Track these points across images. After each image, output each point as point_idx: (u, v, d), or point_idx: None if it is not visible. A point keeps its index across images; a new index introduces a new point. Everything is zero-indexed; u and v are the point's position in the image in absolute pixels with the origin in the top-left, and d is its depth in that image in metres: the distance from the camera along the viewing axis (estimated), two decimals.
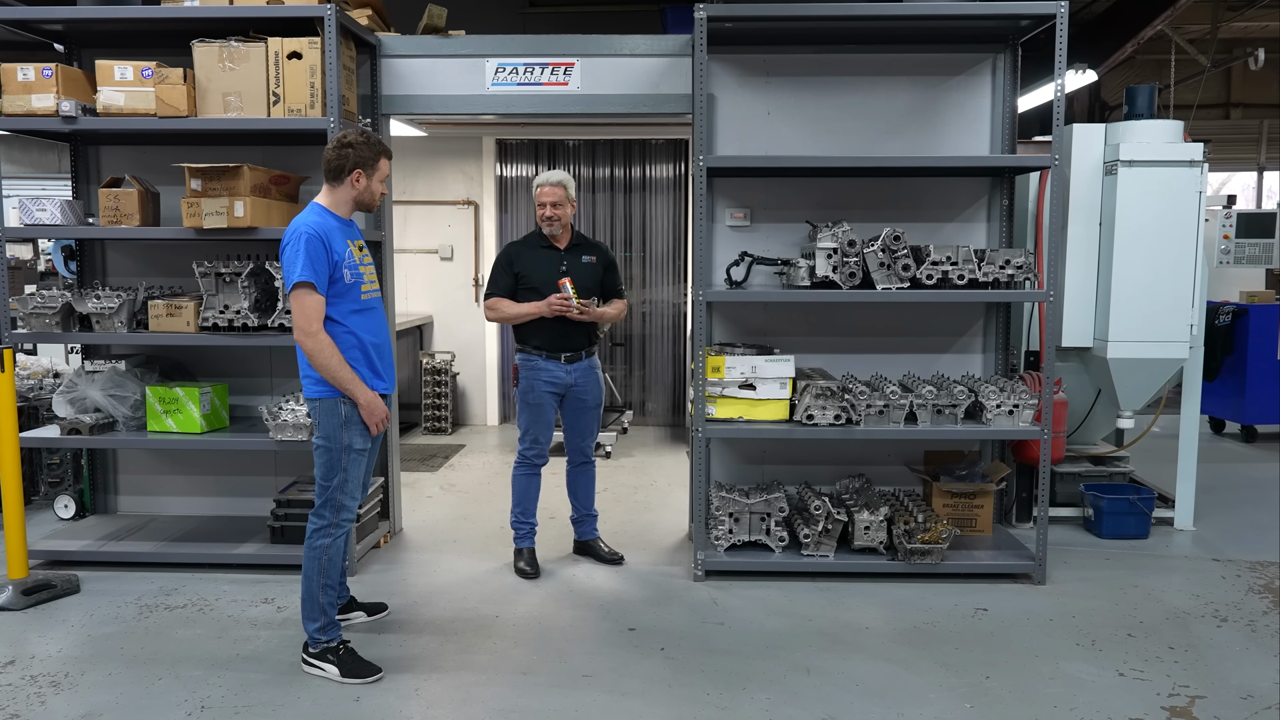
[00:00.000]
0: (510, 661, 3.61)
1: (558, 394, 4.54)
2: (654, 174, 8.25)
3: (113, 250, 5.06)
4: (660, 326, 8.40)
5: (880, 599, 4.23)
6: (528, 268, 4.49)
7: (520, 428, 4.59)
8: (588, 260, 4.55)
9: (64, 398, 4.61)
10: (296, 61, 4.31)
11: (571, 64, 4.85)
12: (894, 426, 4.39)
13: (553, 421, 4.60)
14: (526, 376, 4.52)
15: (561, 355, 4.49)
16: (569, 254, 4.52)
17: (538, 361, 4.49)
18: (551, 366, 4.49)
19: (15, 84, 4.34)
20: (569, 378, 4.51)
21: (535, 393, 4.50)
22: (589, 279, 4.50)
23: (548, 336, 4.48)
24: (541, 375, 4.49)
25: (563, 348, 4.49)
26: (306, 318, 3.37)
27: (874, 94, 4.78)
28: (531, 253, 4.53)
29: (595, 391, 4.62)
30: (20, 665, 3.55)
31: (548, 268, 4.46)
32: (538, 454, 4.58)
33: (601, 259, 4.62)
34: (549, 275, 4.44)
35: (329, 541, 3.51)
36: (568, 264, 4.48)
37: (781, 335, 4.89)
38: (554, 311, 4.39)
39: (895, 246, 4.32)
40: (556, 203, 4.45)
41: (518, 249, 4.61)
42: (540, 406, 4.52)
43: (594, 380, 4.61)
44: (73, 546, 4.63)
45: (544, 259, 4.50)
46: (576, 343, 4.52)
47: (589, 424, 4.66)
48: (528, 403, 4.53)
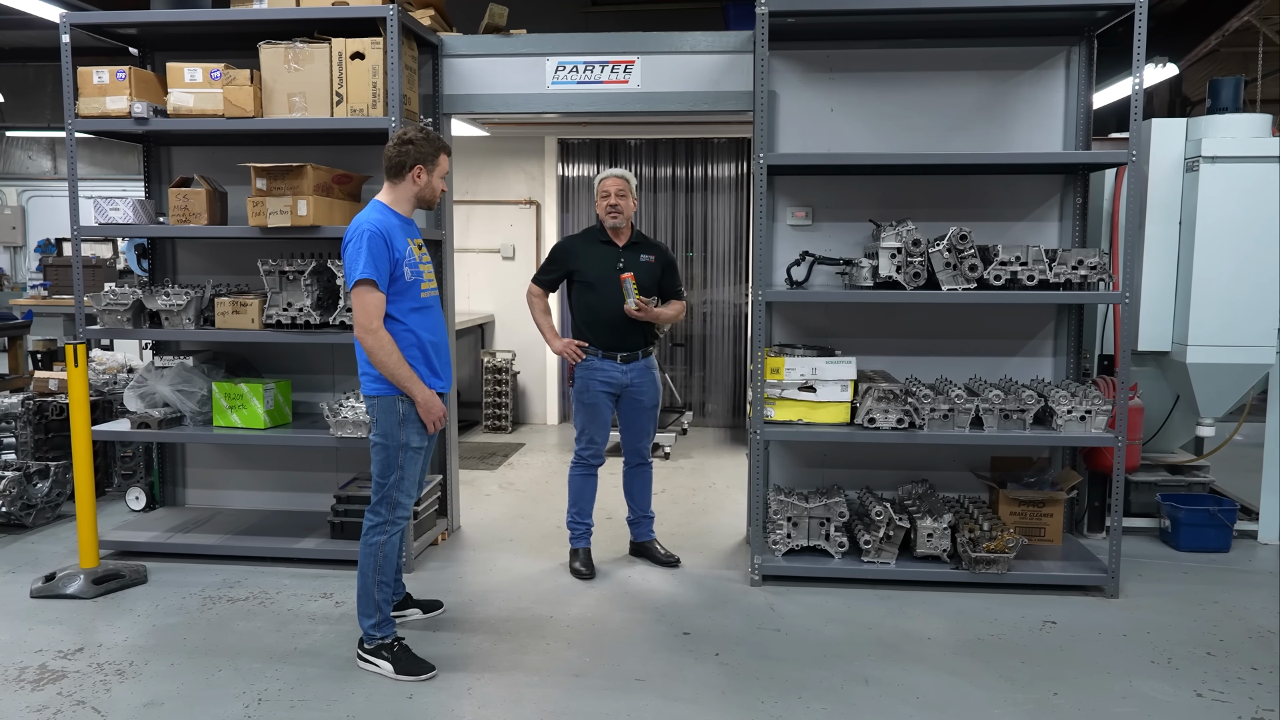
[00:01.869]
0: (563, 663, 3.59)
1: (613, 394, 4.50)
2: (716, 173, 8.18)
3: (183, 248, 5.18)
4: (721, 327, 8.32)
5: (943, 609, 4.10)
6: (585, 263, 4.47)
7: (576, 428, 4.57)
8: (646, 259, 4.51)
9: (134, 392, 4.73)
10: (359, 62, 4.35)
11: (632, 62, 4.81)
12: (958, 431, 4.26)
13: (609, 421, 4.57)
14: (582, 376, 4.49)
15: (618, 355, 4.46)
16: (627, 251, 4.48)
17: (593, 361, 4.46)
18: (607, 366, 4.46)
19: (91, 87, 4.47)
20: (625, 377, 4.48)
21: (590, 392, 4.47)
22: (647, 278, 4.46)
23: (604, 335, 4.44)
24: (597, 375, 4.46)
25: (619, 347, 4.46)
26: (367, 315, 3.39)
27: (941, 89, 4.65)
28: (590, 248, 4.51)
29: (652, 392, 4.57)
30: (88, 653, 3.64)
31: (606, 263, 4.43)
32: (594, 454, 4.56)
33: (660, 259, 4.57)
34: (606, 271, 4.40)
35: (384, 539, 3.52)
36: (625, 261, 4.44)
37: (843, 337, 4.79)
38: (569, 357, 4.48)
39: (962, 246, 4.20)
40: (621, 192, 4.41)
41: (575, 243, 4.59)
42: (596, 406, 4.49)
43: (651, 380, 4.56)
44: (141, 538, 4.75)
45: (602, 254, 4.47)
46: (633, 342, 4.48)
47: (645, 425, 4.61)
48: (583, 402, 4.51)
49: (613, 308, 4.37)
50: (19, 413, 5.61)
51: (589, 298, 4.45)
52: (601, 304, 4.41)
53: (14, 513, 5.10)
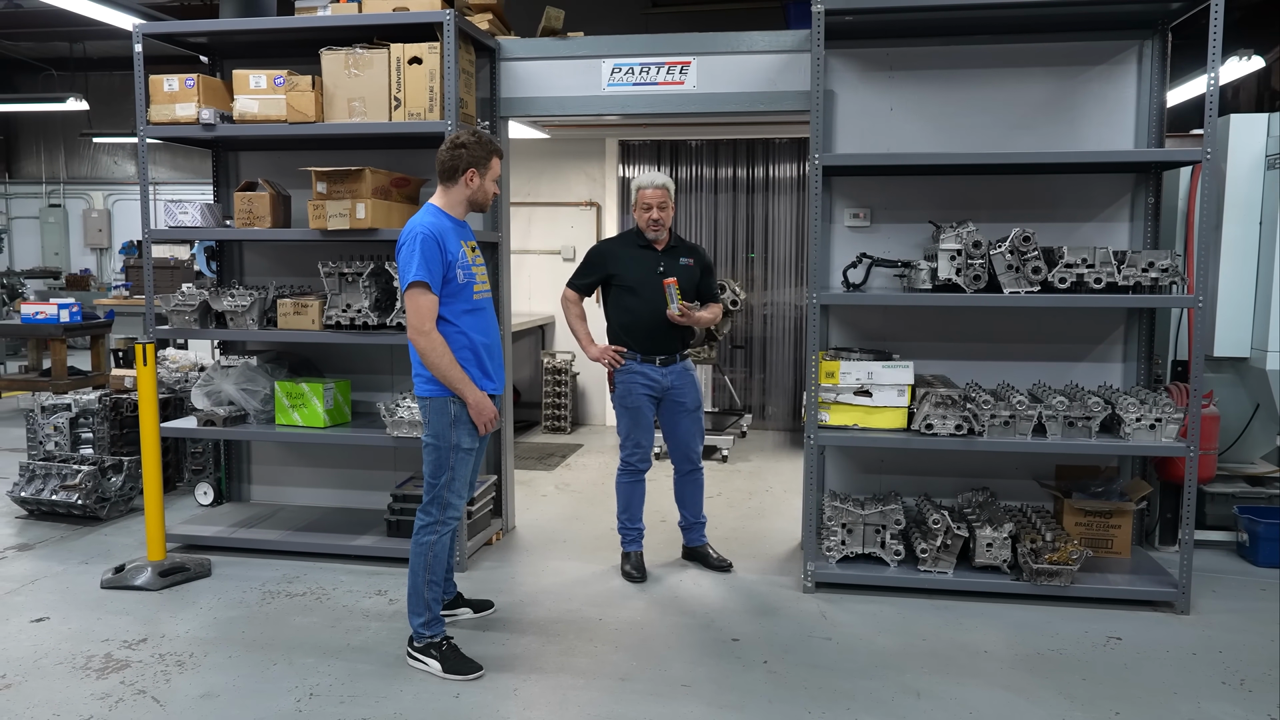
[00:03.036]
0: (610, 666, 3.58)
1: (655, 397, 4.49)
2: (776, 174, 8.10)
3: (249, 251, 5.31)
4: (781, 329, 8.24)
5: (1001, 621, 3.99)
6: (624, 267, 4.46)
7: (620, 433, 4.56)
8: (685, 262, 4.48)
9: (201, 390, 4.87)
10: (417, 66, 4.40)
11: (687, 63, 4.79)
12: (1020, 438, 4.14)
13: (652, 424, 4.55)
14: (623, 381, 4.48)
15: (656, 358, 4.44)
16: (666, 255, 4.47)
17: (633, 365, 4.45)
18: (647, 369, 4.45)
19: (161, 94, 4.61)
20: (665, 380, 4.46)
21: (633, 396, 4.46)
22: (686, 281, 4.44)
23: (644, 339, 4.43)
24: (638, 379, 4.45)
25: (658, 350, 4.44)
26: (420, 317, 3.43)
27: (1004, 86, 4.52)
28: (629, 252, 4.50)
29: (693, 394, 4.55)
30: (151, 643, 3.75)
31: (645, 268, 4.42)
32: (640, 458, 4.54)
33: (699, 262, 4.55)
34: (647, 275, 4.39)
35: (435, 538, 3.56)
36: (665, 265, 4.43)
37: (901, 340, 4.69)
38: (606, 364, 4.46)
39: (1025, 248, 4.07)
40: (662, 205, 4.39)
41: (613, 247, 4.59)
42: (639, 410, 4.48)
43: (690, 382, 4.54)
44: (207, 532, 4.88)
45: (642, 259, 4.46)
46: (671, 345, 4.46)
47: (690, 427, 4.58)
48: (626, 407, 4.50)
49: (653, 312, 4.36)
50: (96, 409, 5.82)
51: (629, 301, 4.44)
52: (642, 308, 4.40)
53: (89, 505, 5.30)
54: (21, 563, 4.70)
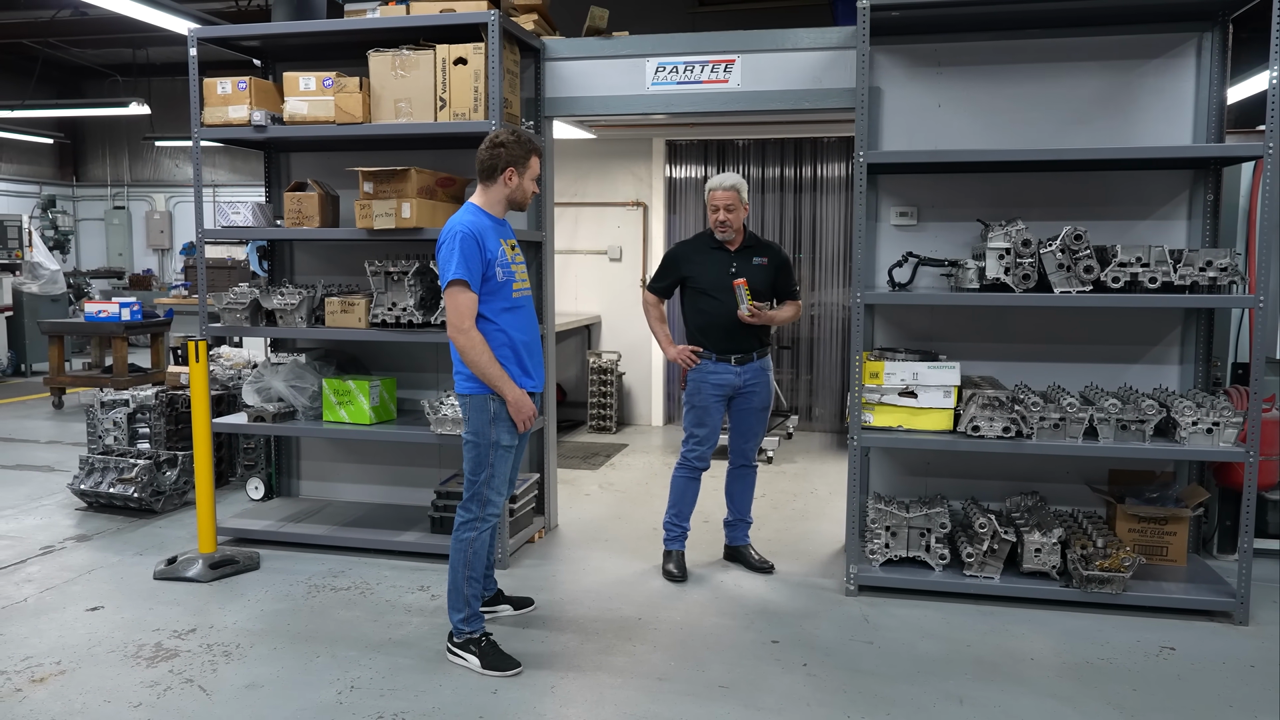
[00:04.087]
0: (648, 666, 3.57)
1: (726, 396, 4.47)
2: (824, 173, 8.03)
3: (299, 250, 5.41)
4: (829, 329, 8.16)
5: (1049, 628, 3.90)
6: (697, 269, 4.46)
7: (685, 429, 4.55)
8: (759, 262, 4.45)
9: (252, 387, 4.96)
10: (462, 67, 4.44)
11: (732, 61, 4.76)
12: (1070, 441, 4.04)
13: (719, 425, 4.53)
14: (694, 379, 4.48)
15: (732, 357, 4.42)
16: (739, 255, 4.44)
17: (707, 364, 4.44)
18: (721, 369, 4.43)
19: (215, 97, 4.71)
20: (739, 380, 4.44)
21: (702, 395, 4.45)
22: (760, 281, 4.40)
23: (718, 338, 4.42)
24: (710, 378, 4.44)
25: (733, 349, 4.42)
26: (459, 315, 3.46)
27: (1057, 82, 4.42)
28: (701, 254, 4.49)
29: (765, 394, 4.53)
30: (200, 634, 3.83)
31: (718, 269, 4.40)
32: (699, 457, 4.53)
33: (773, 260, 4.50)
34: (719, 277, 4.38)
35: (475, 535, 3.58)
36: (738, 265, 4.40)
37: (947, 341, 4.61)
38: (683, 364, 4.47)
39: (1076, 246, 3.97)
40: (730, 206, 4.37)
41: (687, 250, 4.59)
42: (707, 409, 4.46)
43: (764, 382, 4.52)
44: (256, 526, 4.98)
45: (714, 260, 4.44)
46: (747, 344, 4.44)
47: (754, 427, 4.56)
48: (694, 405, 4.49)
49: (726, 313, 4.34)
50: (153, 404, 5.97)
51: (702, 303, 4.44)
52: (715, 309, 4.39)
53: (145, 499, 5.43)
54: (80, 553, 4.84)
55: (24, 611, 4.05)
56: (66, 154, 16.09)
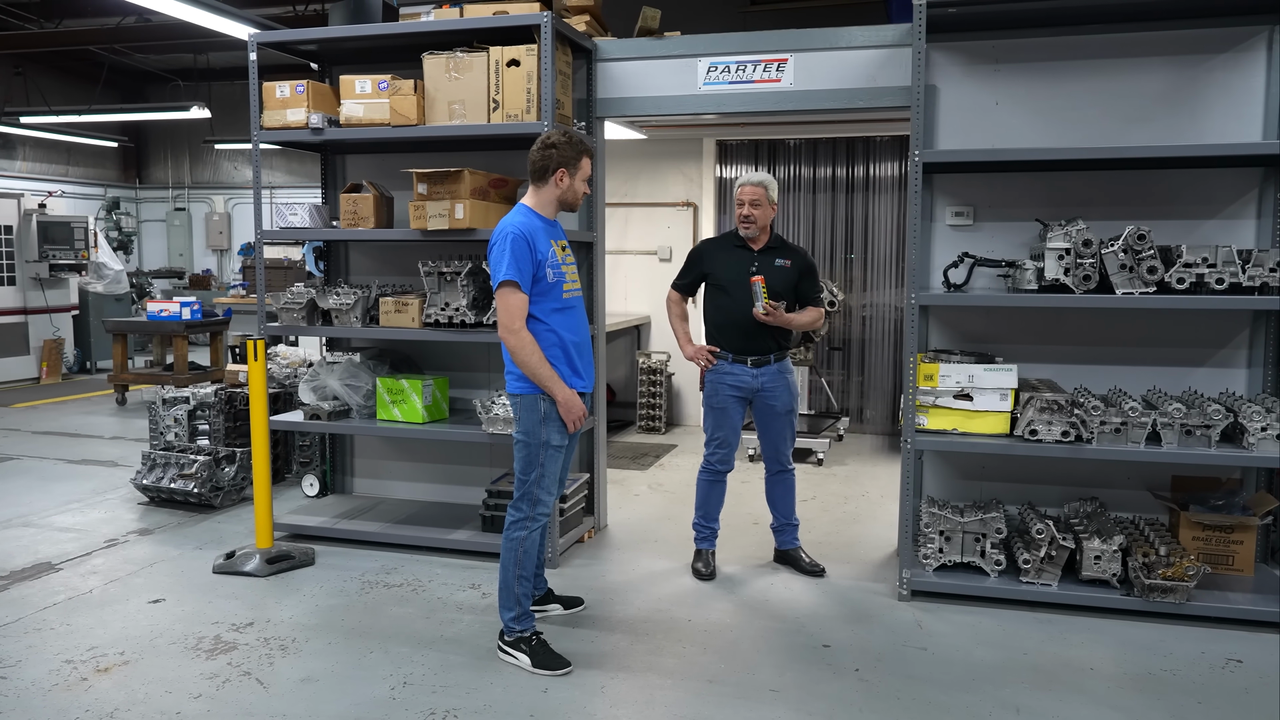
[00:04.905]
0: (697, 668, 3.56)
1: (743, 398, 4.45)
2: (877, 172, 7.94)
3: (354, 250, 5.49)
4: (881, 331, 8.06)
5: (1109, 638, 3.81)
6: (718, 266, 4.45)
7: (706, 432, 4.54)
8: (781, 263, 4.43)
9: (308, 385, 5.04)
10: (515, 69, 4.47)
11: (784, 60, 4.72)
12: (1132, 447, 3.94)
13: (739, 426, 4.51)
14: (711, 380, 4.47)
15: (748, 359, 4.40)
16: (762, 255, 4.42)
17: (723, 365, 4.43)
18: (737, 370, 4.41)
19: (274, 100, 4.79)
20: (755, 382, 4.41)
21: (719, 396, 4.44)
22: (781, 283, 4.38)
23: (735, 339, 4.40)
24: (726, 379, 4.42)
25: (749, 350, 4.40)
26: (510, 315, 3.48)
27: (1118, 78, 4.31)
28: (724, 252, 4.48)
29: (786, 396, 4.48)
30: (258, 627, 3.90)
31: (738, 267, 4.39)
32: (721, 459, 4.51)
33: (798, 263, 4.48)
34: (738, 275, 4.36)
35: (525, 534, 3.60)
36: (759, 265, 4.38)
37: (1003, 343, 4.53)
38: (699, 363, 4.46)
39: (1139, 247, 3.88)
40: (755, 201, 4.36)
41: (710, 246, 4.59)
42: (725, 411, 4.45)
43: (784, 385, 4.47)
44: (311, 522, 5.06)
45: (735, 258, 4.43)
46: (764, 346, 4.41)
47: (781, 430, 4.52)
48: (712, 406, 4.48)
49: (743, 311, 4.32)
50: (212, 402, 6.10)
51: (720, 301, 4.43)
52: (733, 307, 4.37)
53: (204, 494, 5.55)
54: (142, 546, 4.96)
55: (89, 603, 4.17)
56: (130, 157, 16.52)
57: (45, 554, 4.82)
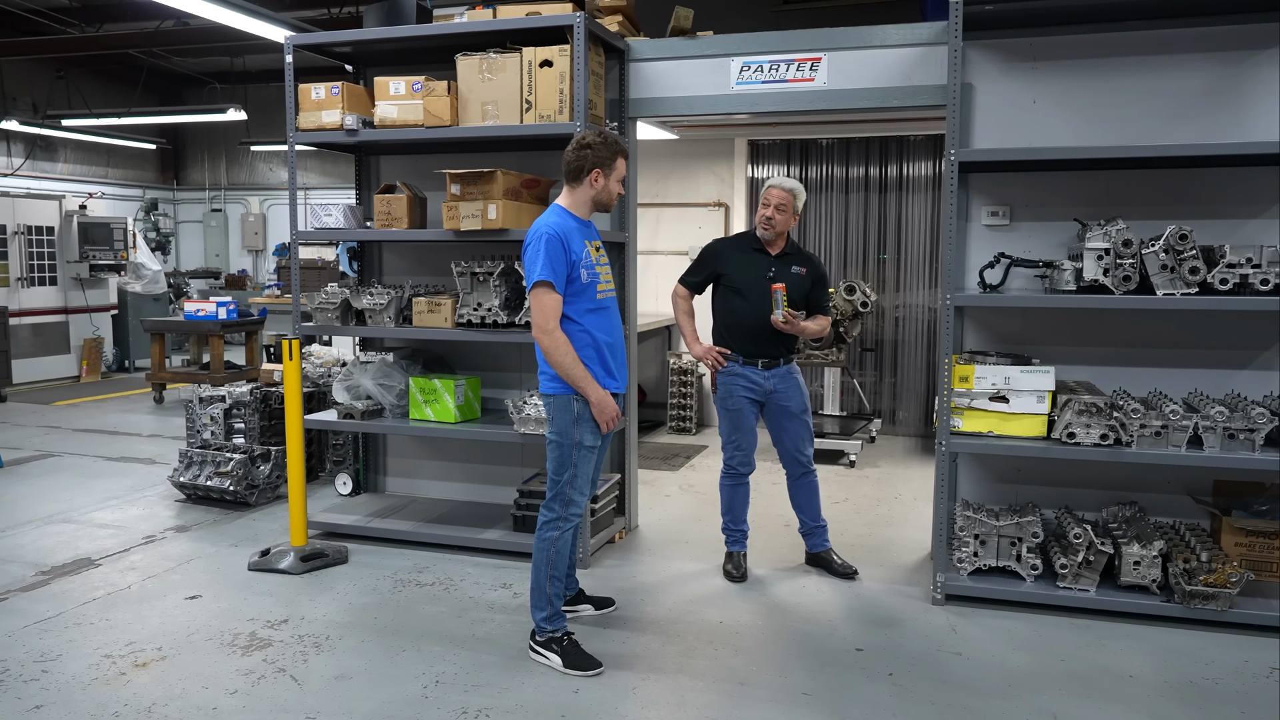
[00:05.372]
0: (729, 670, 3.54)
1: (757, 400, 4.43)
2: (910, 172, 7.87)
3: (388, 251, 5.52)
4: (914, 332, 7.99)
5: (1149, 645, 3.74)
6: (734, 268, 4.43)
7: (722, 436, 4.53)
8: (797, 271, 4.42)
9: (341, 385, 5.08)
10: (547, 69, 4.48)
11: (818, 59, 4.69)
12: (1173, 450, 3.87)
13: (754, 428, 4.50)
14: (725, 383, 4.45)
15: (759, 361, 4.39)
16: (779, 261, 4.41)
17: (734, 367, 4.42)
18: (749, 372, 4.40)
19: (309, 102, 4.84)
20: (767, 384, 4.41)
21: (734, 399, 4.42)
22: (795, 290, 4.37)
23: (746, 342, 4.39)
24: (740, 381, 4.41)
25: (760, 354, 4.40)
26: (544, 315, 3.48)
27: (1159, 75, 4.24)
28: (741, 253, 4.46)
29: (798, 397, 4.47)
30: (292, 624, 3.94)
31: (755, 271, 4.37)
32: (741, 461, 4.50)
33: (812, 272, 4.47)
34: (756, 279, 4.35)
35: (557, 534, 3.60)
36: (776, 270, 4.36)
37: (1041, 344, 4.47)
38: (708, 364, 4.44)
39: (1181, 246, 3.81)
40: (781, 206, 4.34)
41: (727, 247, 4.57)
42: (740, 413, 4.43)
43: (794, 385, 4.47)
44: (345, 520, 5.10)
45: (753, 261, 4.41)
46: (774, 350, 4.41)
47: (798, 431, 4.50)
48: (727, 409, 4.46)
49: (759, 316, 4.31)
50: (247, 401, 6.17)
51: (734, 303, 4.41)
52: (748, 311, 4.35)
53: (240, 492, 5.62)
54: (179, 543, 5.02)
55: (128, 598, 4.23)
56: (168, 159, 16.76)
57: (85, 550, 4.89)
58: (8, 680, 3.42)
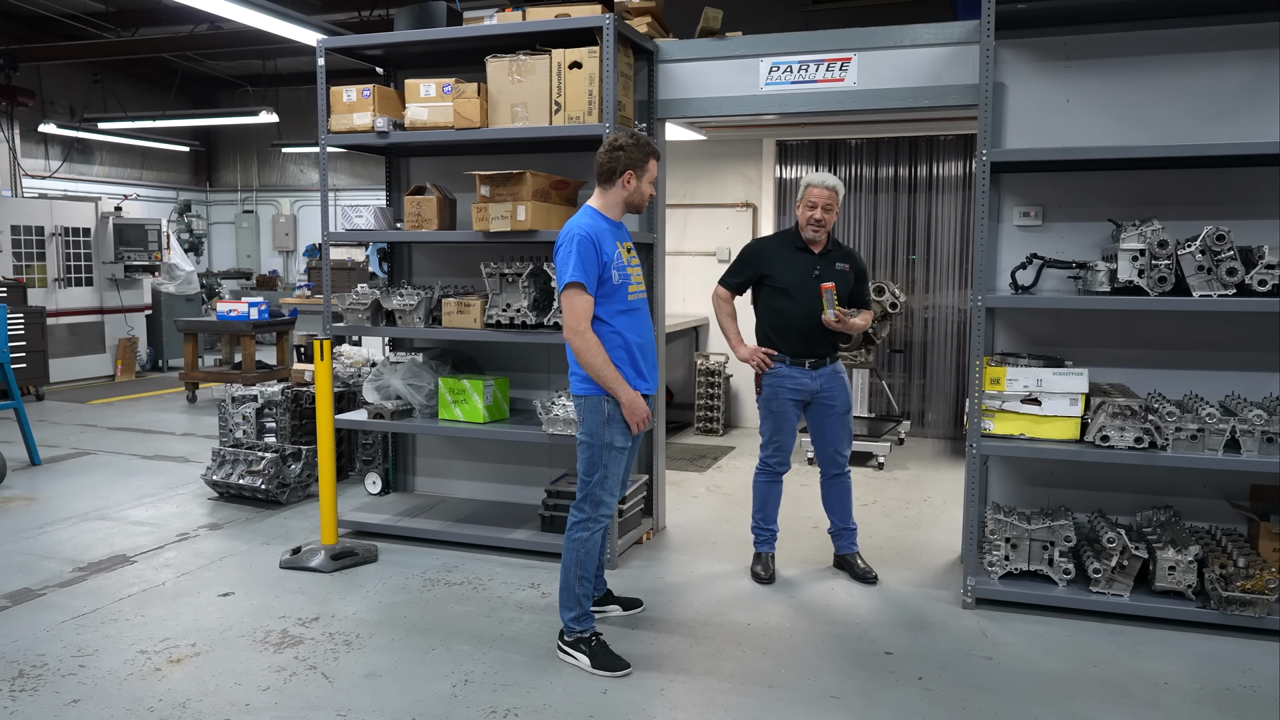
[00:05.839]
0: (757, 672, 3.53)
1: (801, 401, 4.41)
2: (940, 172, 7.81)
3: (418, 252, 5.56)
4: (943, 333, 7.93)
5: (1184, 651, 3.69)
6: (779, 268, 4.40)
7: (763, 435, 4.51)
8: (841, 268, 4.39)
9: (371, 385, 5.12)
10: (576, 71, 4.49)
11: (848, 59, 4.67)
12: (1209, 454, 3.82)
13: (795, 429, 4.49)
14: (770, 384, 4.43)
15: (806, 361, 4.36)
16: (823, 259, 4.38)
17: (781, 368, 4.39)
18: (796, 373, 4.37)
19: (341, 104, 4.88)
20: (814, 384, 4.38)
21: (779, 400, 4.40)
22: (841, 287, 4.33)
23: (794, 342, 4.36)
24: (786, 382, 4.39)
25: (808, 354, 4.37)
26: (576, 317, 3.49)
27: (1197, 73, 4.18)
28: (785, 252, 4.44)
29: (843, 397, 4.45)
30: (323, 622, 3.97)
31: (801, 270, 4.35)
32: (780, 461, 4.48)
33: (855, 268, 4.45)
34: (802, 278, 4.32)
35: (587, 535, 3.61)
36: (821, 269, 4.34)
37: (1073, 346, 4.42)
38: (755, 365, 4.42)
39: (1218, 247, 3.75)
40: (828, 206, 4.31)
41: (769, 247, 4.55)
42: (784, 414, 4.42)
43: (840, 385, 4.44)
44: (374, 519, 5.14)
45: (798, 261, 4.38)
46: (821, 349, 4.39)
47: (838, 431, 4.47)
48: (771, 410, 4.44)
49: (807, 315, 4.28)
50: (279, 400, 6.23)
51: (780, 303, 4.38)
52: (795, 310, 4.33)
53: (271, 490, 5.68)
54: (212, 541, 5.09)
55: (162, 595, 4.29)
56: (201, 161, 16.98)
57: (121, 547, 4.96)
58: (46, 674, 3.48)
